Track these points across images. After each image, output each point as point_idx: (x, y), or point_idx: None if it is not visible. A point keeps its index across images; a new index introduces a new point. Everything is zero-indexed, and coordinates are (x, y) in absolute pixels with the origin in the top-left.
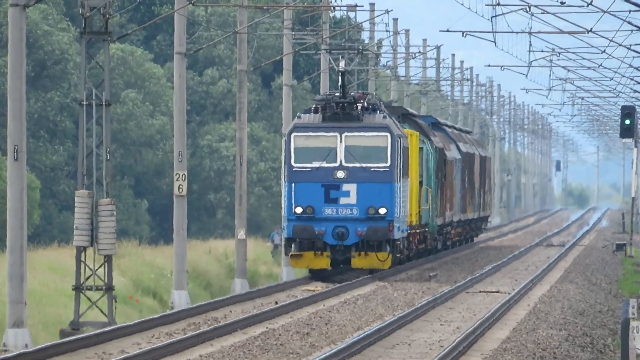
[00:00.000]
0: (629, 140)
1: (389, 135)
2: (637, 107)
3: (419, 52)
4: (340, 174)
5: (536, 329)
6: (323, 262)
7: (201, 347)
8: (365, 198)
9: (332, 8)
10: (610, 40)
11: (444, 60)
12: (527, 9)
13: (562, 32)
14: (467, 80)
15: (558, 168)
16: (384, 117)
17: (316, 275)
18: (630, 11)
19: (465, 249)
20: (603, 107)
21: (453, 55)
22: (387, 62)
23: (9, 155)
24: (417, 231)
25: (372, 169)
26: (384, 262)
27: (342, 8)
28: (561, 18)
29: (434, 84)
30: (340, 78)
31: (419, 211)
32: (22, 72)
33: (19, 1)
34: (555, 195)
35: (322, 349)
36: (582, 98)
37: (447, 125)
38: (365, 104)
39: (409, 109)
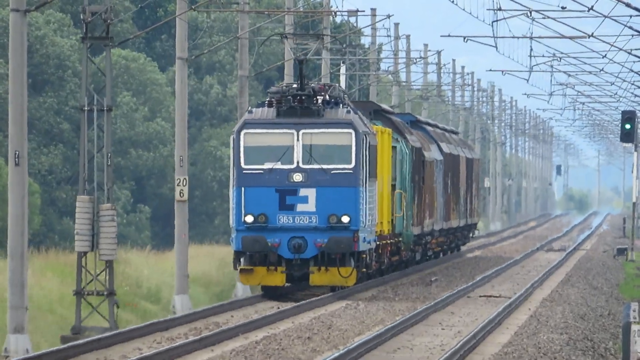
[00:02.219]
0: (629, 145)
1: (353, 132)
2: (637, 111)
3: (420, 57)
4: (297, 177)
5: (537, 333)
6: (277, 278)
7: (202, 352)
8: (325, 204)
9: (333, 13)
10: (611, 45)
11: (445, 65)
12: (528, 14)
13: (563, 36)
14: (469, 85)
15: (559, 172)
16: (348, 111)
17: (270, 292)
18: (631, 16)
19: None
20: (604, 111)
21: (454, 60)
22: (388, 67)
23: (10, 160)
24: (389, 241)
25: (333, 171)
26: (347, 278)
27: (342, 13)
28: (562, 23)
29: (435, 89)
30: (299, 68)
31: (392, 219)
32: (23, 78)
33: (20, 6)
34: (556, 199)
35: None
36: (583, 103)
37: (428, 124)
38: (327, 96)
39: (382, 105)
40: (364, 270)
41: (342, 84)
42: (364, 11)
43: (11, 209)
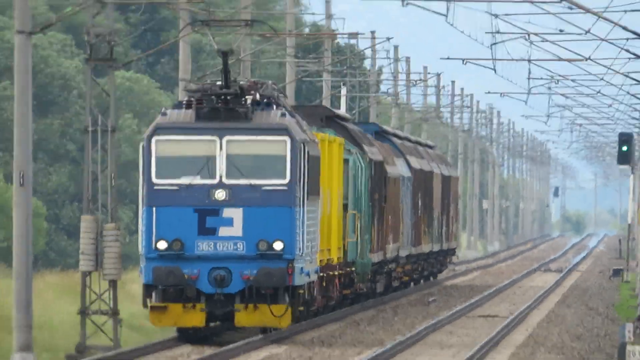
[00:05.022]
0: (626, 167)
1: (288, 139)
2: (634, 134)
3: (420, 79)
4: (220, 195)
5: (534, 353)
6: (195, 318)
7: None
8: (254, 228)
9: (334, 36)
10: (608, 68)
11: (444, 87)
12: (527, 37)
13: (560, 59)
14: (467, 107)
15: (556, 194)
16: (283, 114)
17: (187, 335)
18: (627, 39)
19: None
20: (601, 133)
21: (453, 82)
22: (388, 89)
23: (14, 180)
24: (339, 272)
25: (264, 188)
26: (280, 317)
27: (344, 36)
28: (560, 46)
29: (434, 111)
30: (223, 60)
31: (344, 245)
32: (28, 99)
33: (25, 28)
34: (553, 221)
35: None
36: (581, 125)
37: (396, 136)
38: (258, 96)
39: (337, 111)
40: (301, 308)
41: (343, 106)
42: (364, 34)
43: (16, 229)
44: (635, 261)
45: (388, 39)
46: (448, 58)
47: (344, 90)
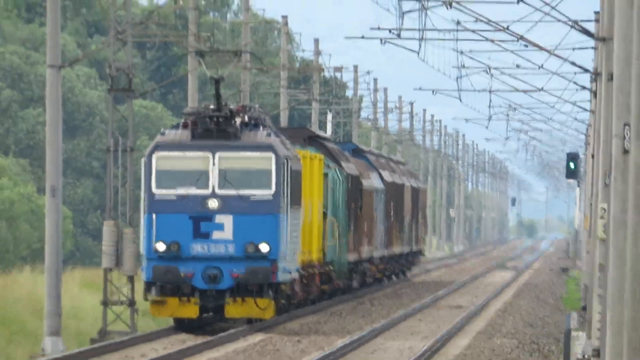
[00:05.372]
0: (573, 181)
1: (273, 156)
2: (580, 153)
3: (395, 106)
4: (213, 204)
5: (492, 338)
6: (190, 310)
7: (209, 352)
8: (243, 232)
9: (322, 69)
10: (559, 98)
11: (416, 113)
12: (488, 71)
13: (517, 90)
14: (437, 131)
15: (513, 204)
16: (268, 134)
17: (182, 325)
18: (575, 73)
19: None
20: (551, 153)
21: (424, 109)
22: (368, 115)
23: (47, 193)
24: (319, 271)
25: (252, 198)
26: (264, 310)
27: (330, 70)
28: (517, 78)
29: (408, 134)
30: (215, 87)
31: (323, 247)
32: (58, 124)
33: (55, 63)
34: (510, 226)
35: None
36: (534, 146)
37: (371, 153)
38: (246, 118)
39: (317, 132)
40: (283, 301)
41: (329, 130)
42: (347, 68)
43: (47, 232)
44: (580, 260)
45: (368, 72)
46: (420, 89)
47: (330, 116)
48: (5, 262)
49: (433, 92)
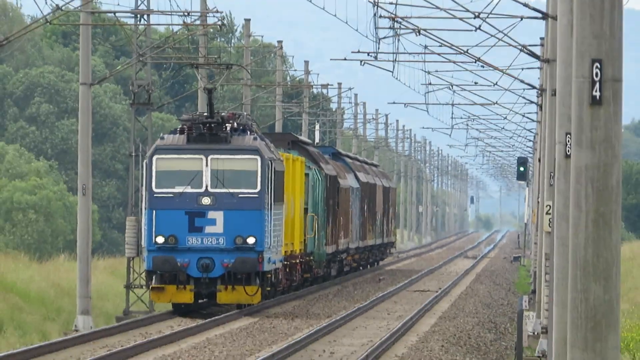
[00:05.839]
0: (523, 182)
1: (258, 158)
2: (529, 158)
3: (373, 118)
4: (206, 201)
5: (456, 317)
6: (186, 296)
7: (216, 329)
8: (232, 227)
9: (311, 86)
10: (510, 110)
11: (391, 124)
12: (450, 87)
13: (475, 103)
14: (408, 138)
15: (472, 201)
16: (255, 138)
17: (179, 309)
18: (524, 89)
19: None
20: (505, 157)
21: (397, 120)
22: (350, 125)
23: (78, 191)
24: (300, 260)
25: (240, 195)
26: (252, 296)
27: (318, 86)
28: (475, 94)
29: (383, 141)
30: (207, 96)
31: (304, 239)
32: (88, 133)
33: (86, 81)
34: (469, 221)
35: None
36: (490, 151)
37: (348, 157)
38: (235, 124)
39: (300, 137)
40: (269, 288)
41: (317, 137)
42: (332, 85)
43: (79, 226)
44: (530, 250)
45: (350, 88)
46: (394, 102)
47: (317, 126)
48: (43, 252)
49: (405, 105)
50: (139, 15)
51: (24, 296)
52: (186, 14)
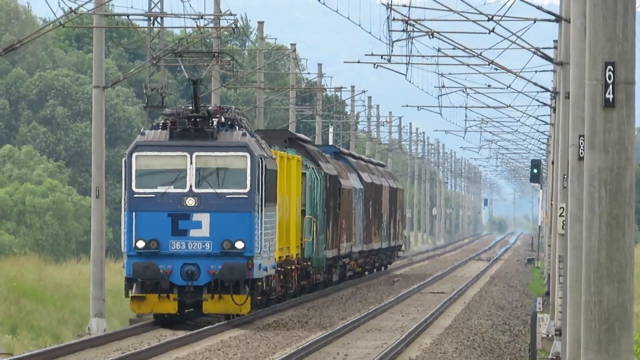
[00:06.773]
0: (536, 184)
1: (248, 155)
2: (542, 160)
3: (386, 120)
4: (191, 202)
5: (470, 319)
6: (169, 306)
7: (231, 331)
8: (219, 230)
9: (324, 89)
10: (523, 113)
11: (404, 126)
12: (464, 90)
13: (488, 106)
14: (421, 141)
15: (486, 204)
16: (244, 134)
17: (162, 320)
18: (537, 92)
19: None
20: (518, 160)
21: (410, 123)
22: (363, 128)
23: (92, 194)
24: (297, 266)
25: (228, 196)
26: (241, 306)
27: (331, 89)
28: (488, 96)
29: (397, 144)
30: (192, 88)
31: (301, 243)
32: (102, 136)
33: (100, 84)
34: (483, 223)
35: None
36: (503, 154)
37: (352, 156)
38: (223, 119)
39: (298, 134)
40: (259, 297)
41: (331, 140)
42: (346, 88)
43: (93, 228)
44: (543, 252)
45: (363, 91)
46: (407, 105)
47: (331, 129)
48: (57, 254)
49: (418, 108)
50: (152, 18)
51: (37, 298)
52: (200, 16)
